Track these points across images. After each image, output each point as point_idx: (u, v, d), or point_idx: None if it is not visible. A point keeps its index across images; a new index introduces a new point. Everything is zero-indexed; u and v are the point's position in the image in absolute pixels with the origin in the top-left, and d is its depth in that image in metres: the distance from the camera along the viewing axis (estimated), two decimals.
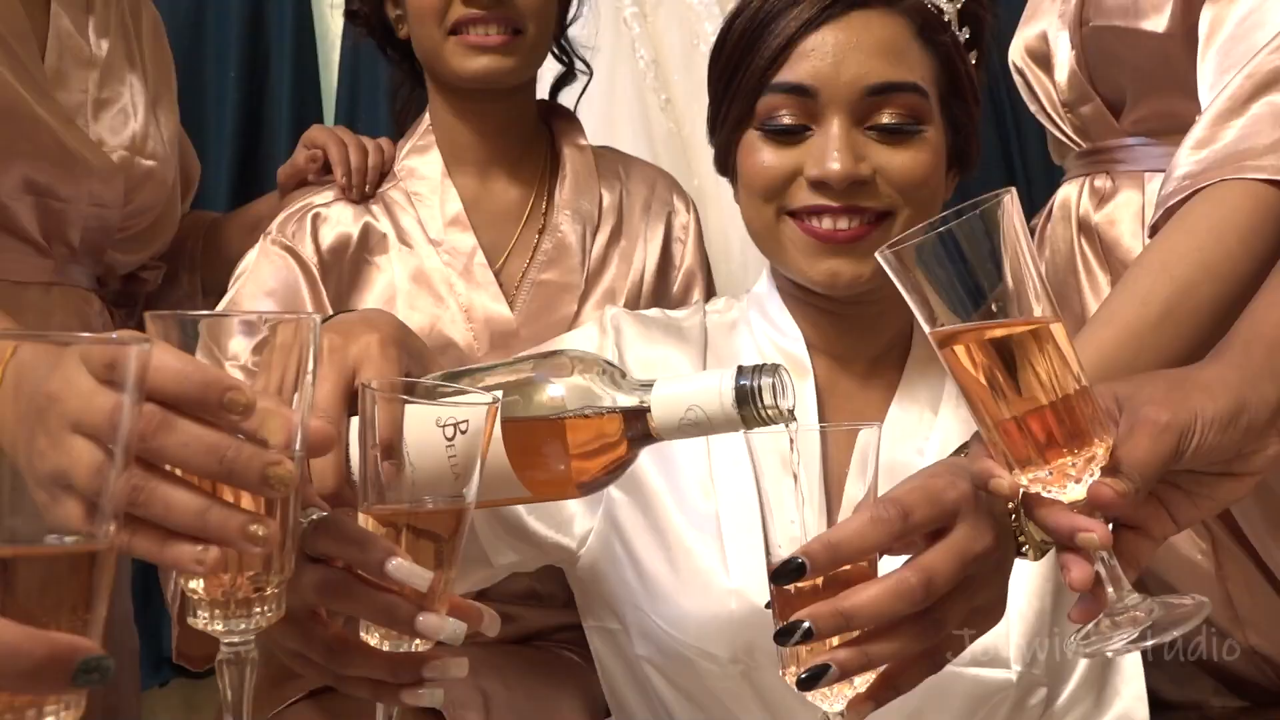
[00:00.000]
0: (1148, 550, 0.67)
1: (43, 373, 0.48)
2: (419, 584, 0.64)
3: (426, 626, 0.65)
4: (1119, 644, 0.63)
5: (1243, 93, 0.88)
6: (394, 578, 0.64)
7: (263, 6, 2.28)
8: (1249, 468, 0.67)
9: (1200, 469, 0.66)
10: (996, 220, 0.61)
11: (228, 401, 0.56)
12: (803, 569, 0.65)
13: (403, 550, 0.65)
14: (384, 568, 0.64)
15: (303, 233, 1.21)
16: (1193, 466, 0.65)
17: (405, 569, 0.64)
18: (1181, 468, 0.65)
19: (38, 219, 1.14)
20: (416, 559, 0.65)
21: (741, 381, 0.69)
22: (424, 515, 0.67)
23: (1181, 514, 0.67)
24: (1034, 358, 0.62)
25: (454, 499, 0.67)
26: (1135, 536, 0.67)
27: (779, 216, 0.99)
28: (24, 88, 1.08)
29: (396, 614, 0.65)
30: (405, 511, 0.67)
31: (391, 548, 0.64)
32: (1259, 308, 0.72)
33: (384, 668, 0.68)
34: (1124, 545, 0.66)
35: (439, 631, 0.65)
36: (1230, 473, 0.67)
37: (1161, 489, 0.67)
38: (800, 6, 0.98)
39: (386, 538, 0.66)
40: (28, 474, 0.46)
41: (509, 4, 1.18)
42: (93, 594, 0.46)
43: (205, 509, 0.56)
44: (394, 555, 0.64)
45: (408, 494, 0.67)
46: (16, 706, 0.42)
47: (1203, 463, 0.65)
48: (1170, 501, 0.67)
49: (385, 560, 0.64)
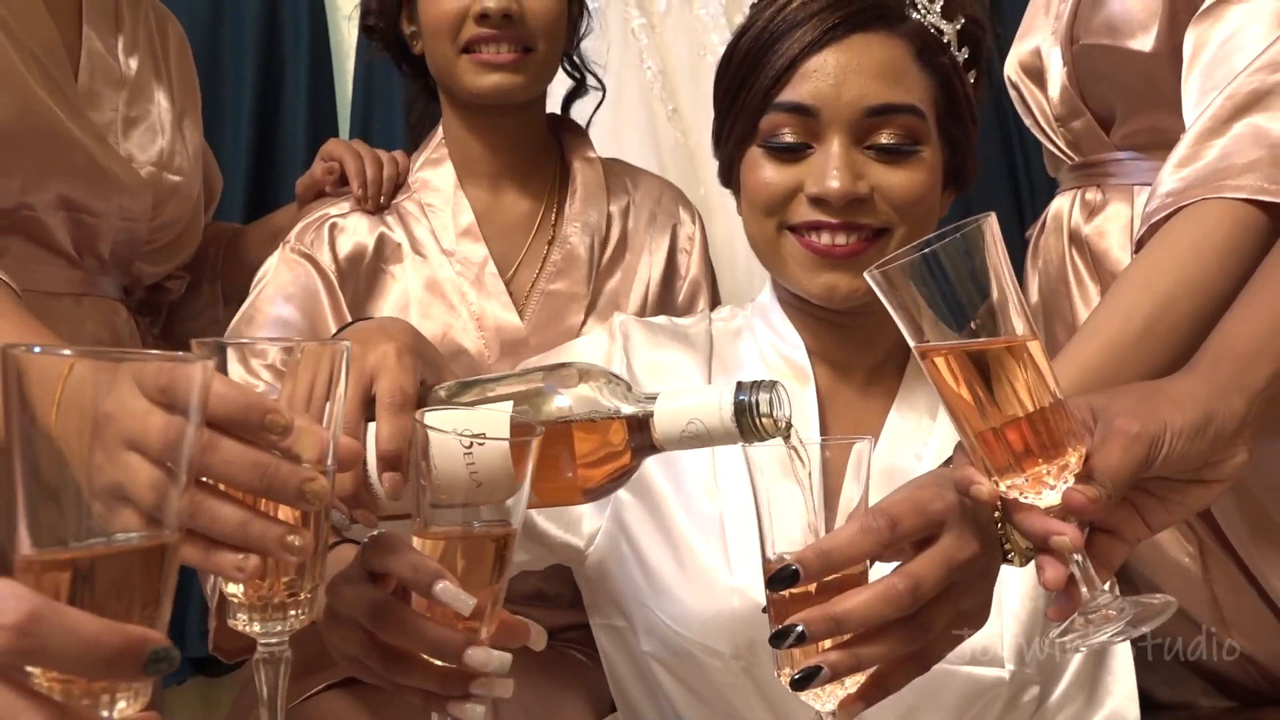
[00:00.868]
0: (1121, 552, 0.70)
1: (98, 391, 0.52)
2: (462, 609, 0.67)
3: (474, 660, 0.69)
4: (1092, 640, 0.66)
5: (1224, 113, 0.90)
6: (440, 600, 0.67)
7: (278, 19, 2.29)
8: (1217, 475, 0.70)
9: (1171, 476, 0.69)
10: (977, 242, 0.64)
11: (268, 423, 0.60)
12: (796, 576, 0.68)
13: (450, 575, 0.68)
14: (431, 590, 0.67)
15: (321, 242, 1.24)
16: (1163, 474, 0.68)
17: (451, 593, 0.67)
18: (1153, 475, 0.68)
19: (70, 233, 1.17)
20: (466, 579, 0.68)
21: (740, 396, 0.72)
22: (473, 538, 0.70)
23: (1154, 518, 0.70)
24: (1011, 373, 0.65)
25: (500, 523, 0.70)
26: (1109, 539, 0.70)
27: (780, 231, 1.02)
28: (59, 108, 1.11)
29: (446, 650, 0.69)
30: (457, 534, 0.70)
31: (441, 571, 0.68)
32: (1229, 324, 0.75)
33: (435, 680, 0.71)
34: (1098, 548, 0.69)
35: (486, 665, 0.69)
36: (1200, 480, 0.70)
37: (1134, 495, 0.70)
38: (804, 28, 1.00)
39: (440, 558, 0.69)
40: (84, 485, 0.50)
41: (520, 23, 1.21)
42: (161, 589, 0.50)
43: (247, 521, 0.61)
44: (442, 579, 0.67)
45: (460, 517, 0.70)
46: (93, 692, 0.47)
47: (1173, 470, 0.68)
48: (1143, 507, 0.70)
49: (433, 583, 0.67)
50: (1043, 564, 0.66)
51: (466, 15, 1.20)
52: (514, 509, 0.70)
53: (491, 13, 1.19)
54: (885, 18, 1.01)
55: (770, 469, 0.74)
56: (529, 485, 0.70)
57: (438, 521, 0.70)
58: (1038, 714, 1.01)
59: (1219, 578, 1.06)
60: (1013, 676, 0.96)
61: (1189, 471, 0.69)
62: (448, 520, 0.70)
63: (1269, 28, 0.91)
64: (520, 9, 1.21)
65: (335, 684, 0.99)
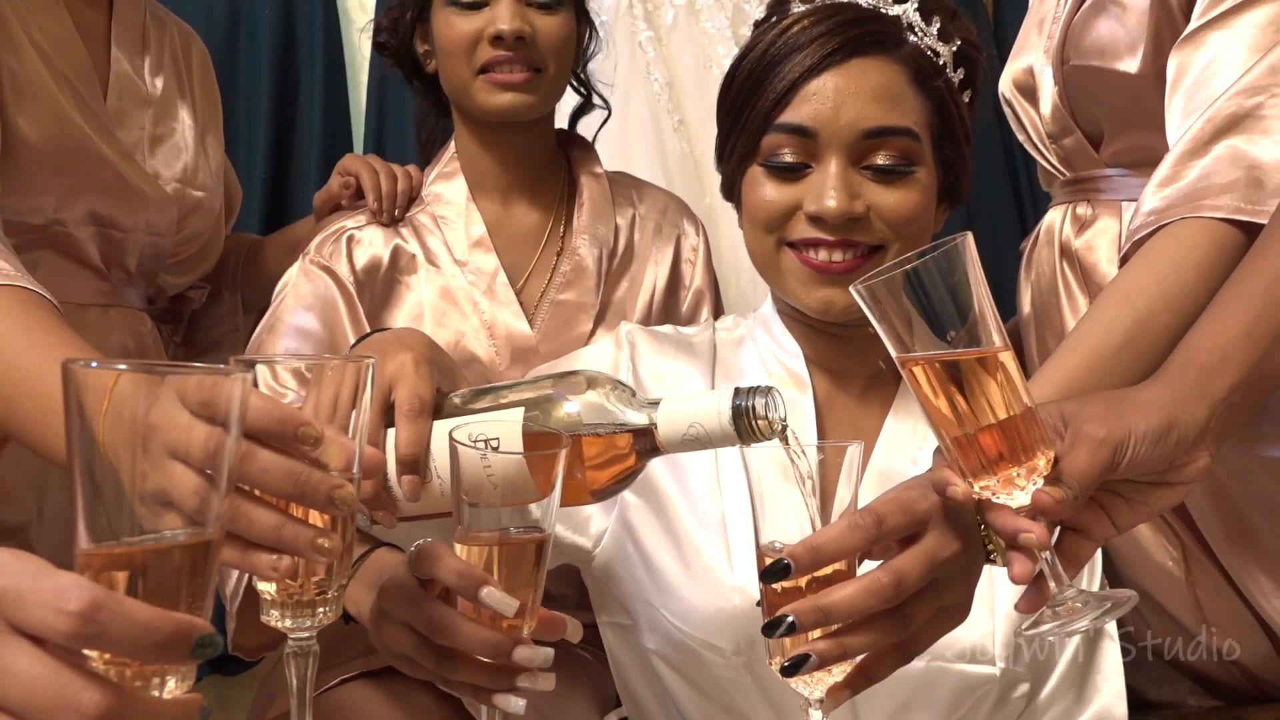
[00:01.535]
0: (1089, 550, 0.74)
1: (143, 403, 0.56)
2: (507, 611, 0.72)
3: (522, 657, 0.74)
4: (1058, 631, 0.70)
5: (1204, 135, 0.94)
6: (486, 604, 0.72)
7: (293, 31, 2.34)
8: (1181, 478, 0.74)
9: (1136, 478, 0.73)
10: (954, 261, 0.68)
11: (301, 434, 0.65)
12: (788, 569, 0.72)
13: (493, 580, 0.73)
14: (478, 595, 0.72)
15: (339, 253, 1.27)
16: (1129, 476, 0.72)
17: (496, 597, 0.72)
18: (1118, 477, 0.71)
19: (99, 247, 1.21)
20: (507, 583, 0.73)
21: (737, 401, 0.76)
22: (512, 544, 0.75)
23: (1121, 518, 0.74)
24: (984, 382, 0.69)
25: (535, 529, 0.75)
26: (1078, 538, 0.74)
27: (779, 247, 1.05)
28: (90, 128, 1.15)
29: (498, 651, 0.74)
30: (496, 540, 0.75)
31: (485, 577, 0.73)
32: (1195, 335, 0.78)
33: (483, 675, 0.76)
34: (1067, 545, 0.73)
35: (533, 660, 0.75)
36: (1165, 482, 0.74)
37: (1102, 496, 0.73)
38: (804, 52, 1.03)
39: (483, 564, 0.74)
40: (130, 490, 0.55)
41: (532, 45, 1.25)
42: (204, 582, 0.54)
43: (281, 524, 0.66)
44: (486, 584, 0.72)
45: (492, 522, 0.75)
46: (145, 674, 0.51)
47: (1138, 473, 0.72)
48: (1111, 507, 0.74)
49: (479, 589, 0.72)
50: (1012, 559, 0.70)
51: (481, 38, 1.24)
52: (546, 515, 0.75)
53: (506, 35, 1.23)
54: (882, 43, 1.04)
55: (766, 470, 0.78)
56: (559, 491, 0.75)
57: (475, 527, 0.75)
58: (1028, 710, 1.03)
59: (1201, 581, 1.08)
60: (1003, 674, 0.99)
61: (1154, 474, 0.73)
62: (487, 525, 0.75)
63: (1247, 54, 0.95)
64: (533, 32, 1.25)
65: (352, 676, 1.04)
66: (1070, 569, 0.72)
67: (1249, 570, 1.03)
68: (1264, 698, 1.12)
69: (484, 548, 0.74)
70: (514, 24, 1.23)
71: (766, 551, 0.76)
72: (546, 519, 0.75)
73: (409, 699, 1.02)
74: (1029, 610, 0.72)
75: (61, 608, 0.47)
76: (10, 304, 0.83)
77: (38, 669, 0.47)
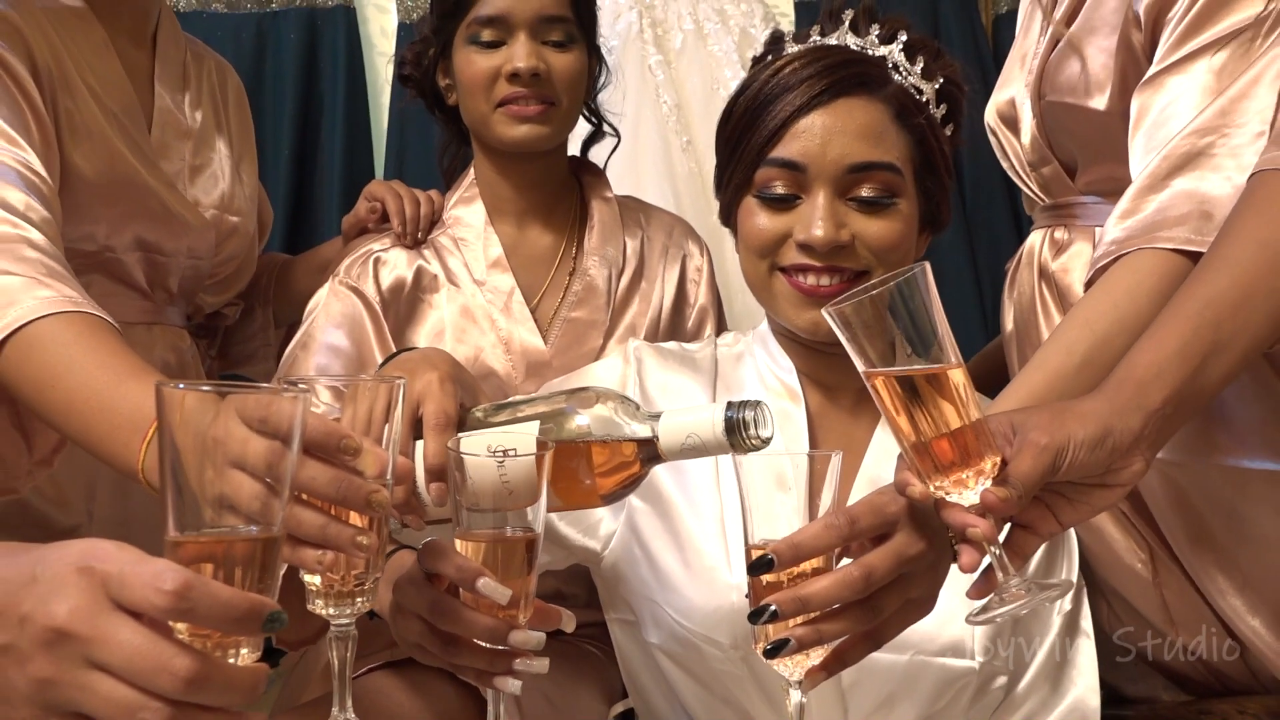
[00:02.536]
0: (1034, 544, 0.82)
1: (206, 418, 0.65)
2: (500, 599, 0.81)
3: (517, 640, 0.82)
4: (1004, 613, 0.78)
5: (1161, 171, 1.01)
6: (482, 593, 0.80)
7: (317, 54, 2.40)
8: (1118, 480, 0.81)
9: (1078, 480, 0.80)
10: (913, 288, 0.77)
11: (343, 446, 0.74)
12: (772, 563, 0.80)
13: (490, 571, 0.81)
14: (475, 585, 0.81)
15: (366, 275, 1.34)
16: (1070, 478, 0.80)
17: (490, 587, 0.80)
18: (1060, 480, 0.79)
19: (144, 270, 1.29)
20: (502, 576, 0.81)
21: (729, 414, 0.83)
22: (506, 541, 0.83)
23: (1065, 516, 0.82)
24: (937, 396, 0.77)
25: (526, 529, 0.83)
26: (1025, 534, 0.82)
27: (771, 271, 1.13)
28: (137, 161, 1.23)
29: (495, 635, 0.82)
30: (491, 537, 0.83)
31: (481, 570, 0.81)
32: (1134, 353, 0.85)
33: (484, 659, 0.84)
34: (1015, 540, 0.81)
35: (527, 644, 0.83)
36: (1103, 484, 0.81)
37: (1047, 496, 0.81)
38: (795, 92, 1.11)
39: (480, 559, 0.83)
40: (199, 493, 0.64)
41: (546, 81, 1.33)
42: (272, 569, 0.64)
43: (325, 524, 0.75)
44: (483, 575, 0.81)
45: (493, 523, 0.83)
46: (224, 644, 0.61)
47: (1078, 475, 0.79)
48: (1055, 506, 0.82)
49: (476, 580, 0.81)
50: (961, 551, 0.78)
51: (499, 74, 1.32)
52: (535, 517, 0.83)
53: (522, 73, 1.31)
54: (867, 84, 1.11)
55: (756, 475, 0.85)
56: (546, 495, 0.83)
57: (475, 526, 0.83)
58: (1006, 701, 1.10)
59: (1167, 582, 1.14)
60: (981, 668, 1.06)
61: (1093, 477, 0.80)
62: (483, 525, 0.83)
63: (1201, 97, 1.02)
64: (547, 68, 1.33)
65: (377, 666, 1.12)
66: (1017, 561, 0.80)
67: (1208, 571, 1.10)
68: (1225, 690, 1.19)
69: (482, 544, 0.83)
70: (530, 62, 1.31)
71: (754, 548, 0.84)
72: (536, 521, 0.83)
73: (428, 687, 1.10)
74: (978, 597, 0.80)
75: (159, 587, 0.57)
76: (80, 329, 0.92)
77: (138, 639, 0.57)
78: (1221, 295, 0.85)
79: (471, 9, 1.34)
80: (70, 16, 1.22)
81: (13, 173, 1.02)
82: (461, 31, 1.36)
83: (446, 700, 1.11)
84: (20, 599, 0.58)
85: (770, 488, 0.86)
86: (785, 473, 0.86)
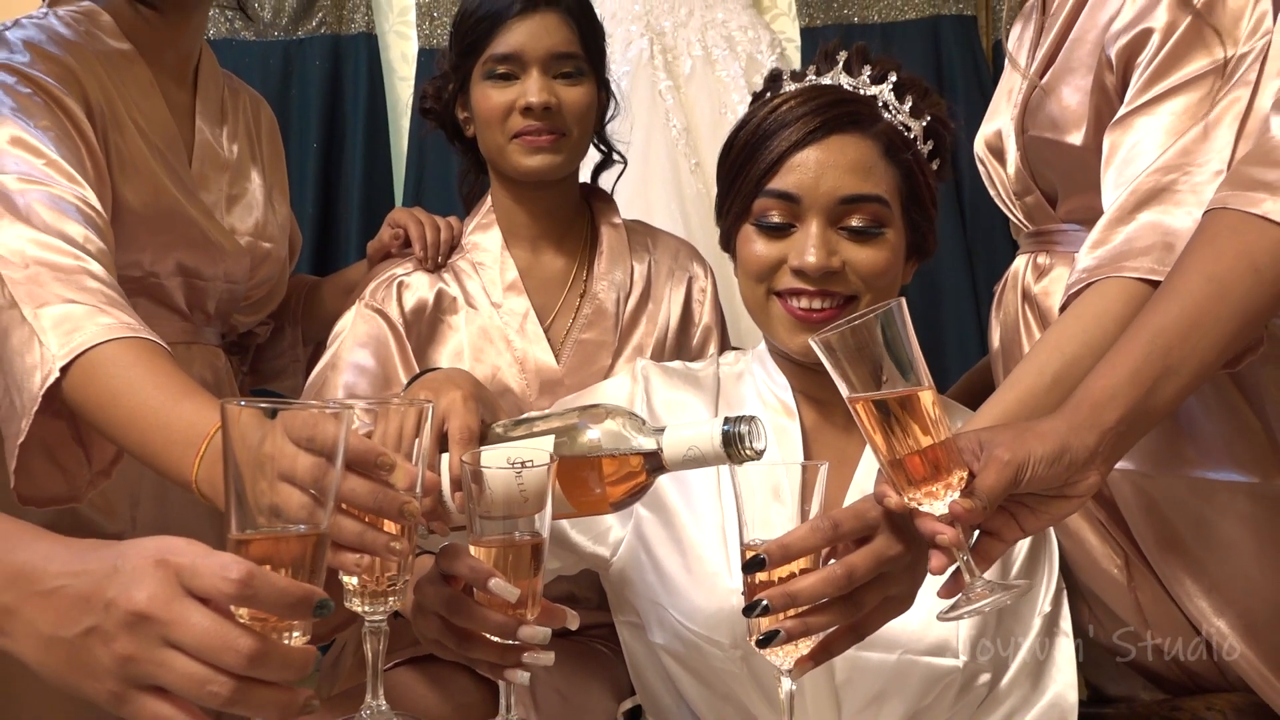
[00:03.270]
0: (999, 549, 0.89)
1: (257, 434, 0.73)
2: (509, 597, 0.88)
3: (524, 635, 0.90)
4: (970, 611, 0.85)
5: (1129, 205, 1.07)
6: (494, 592, 0.88)
7: (340, 80, 2.48)
8: (1075, 492, 0.88)
9: (1038, 492, 0.88)
10: (891, 320, 0.85)
11: (380, 462, 0.83)
12: (763, 563, 0.88)
13: (500, 572, 0.89)
14: (486, 585, 0.88)
15: (390, 298, 1.41)
16: (1031, 490, 0.87)
17: (500, 586, 0.88)
18: (1023, 491, 0.86)
19: (184, 294, 1.36)
20: (511, 576, 0.88)
21: (726, 428, 0.90)
22: (515, 545, 0.90)
23: (1027, 524, 0.89)
24: (909, 417, 0.85)
25: (534, 534, 0.90)
26: (990, 540, 0.89)
27: (768, 296, 1.19)
28: (179, 192, 1.31)
29: (505, 630, 0.90)
30: (501, 542, 0.90)
31: (492, 571, 0.88)
32: (1091, 376, 0.92)
33: (495, 653, 0.92)
34: (981, 546, 0.88)
35: (534, 638, 0.90)
36: (1062, 495, 0.88)
37: (1011, 505, 0.88)
38: (790, 129, 1.18)
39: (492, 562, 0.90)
40: (254, 502, 0.73)
41: (558, 114, 1.40)
42: (320, 563, 0.72)
43: (363, 531, 0.84)
44: (494, 576, 0.88)
45: (502, 528, 0.90)
46: (279, 628, 0.69)
47: (1038, 488, 0.86)
48: (1018, 515, 0.89)
49: (487, 580, 0.88)
50: (932, 555, 0.86)
51: (514, 108, 1.40)
52: (542, 523, 0.90)
53: (535, 107, 1.39)
54: (858, 121, 1.18)
55: (751, 484, 0.92)
56: (555, 503, 0.90)
57: (487, 532, 0.90)
58: (990, 698, 1.16)
59: (1141, 586, 1.20)
60: (965, 666, 1.12)
61: (1052, 489, 0.88)
62: (495, 531, 0.90)
63: (1165, 137, 1.09)
64: (558, 102, 1.40)
65: (401, 662, 1.20)
66: (982, 564, 0.87)
67: (1177, 576, 1.16)
68: (1197, 689, 1.24)
69: (494, 549, 0.90)
70: (542, 96, 1.39)
71: (748, 548, 0.91)
72: (543, 526, 0.90)
73: (446, 680, 1.18)
74: (947, 596, 0.87)
75: (226, 576, 0.65)
76: (138, 353, 1.01)
77: (207, 621, 0.65)
78: (1171, 324, 0.92)
79: (488, 47, 1.42)
80: (120, 59, 1.31)
81: (73, 208, 1.10)
82: (479, 68, 1.43)
83: (464, 693, 1.18)
84: (104, 587, 0.67)
85: (765, 496, 0.92)
86: (779, 482, 0.92)
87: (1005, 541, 0.89)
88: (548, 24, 1.41)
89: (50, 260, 1.05)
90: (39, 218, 1.08)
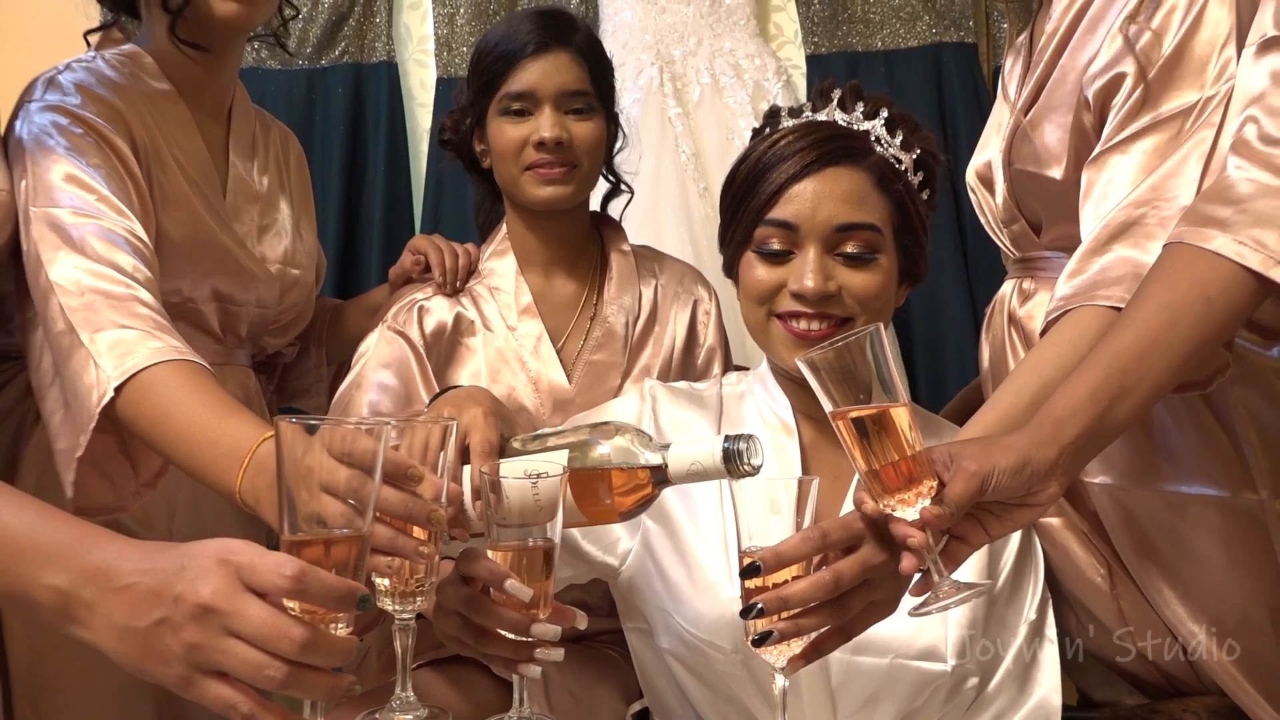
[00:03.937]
0: (966, 553, 0.95)
1: (300, 448, 0.81)
2: (523, 597, 0.94)
3: (537, 632, 0.95)
4: (938, 608, 0.92)
5: (1103, 237, 1.13)
6: (509, 592, 0.94)
7: (363, 108, 2.53)
8: (1037, 501, 0.95)
9: (1003, 500, 0.94)
10: (869, 344, 0.92)
11: (410, 474, 0.90)
12: (759, 569, 0.94)
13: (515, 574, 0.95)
14: (503, 585, 0.95)
15: (411, 321, 1.47)
16: (996, 499, 0.93)
17: (515, 587, 0.94)
18: (988, 500, 0.93)
19: (219, 318, 1.43)
20: (525, 578, 0.95)
21: (727, 445, 0.97)
22: (529, 550, 0.96)
23: (993, 530, 0.96)
24: (884, 432, 0.92)
25: (546, 540, 0.96)
26: (958, 544, 0.95)
27: (769, 318, 1.26)
28: (214, 223, 1.38)
29: (518, 627, 0.96)
30: (517, 547, 0.97)
31: (508, 573, 0.95)
32: (1055, 396, 0.98)
33: (510, 649, 0.98)
34: (950, 549, 0.95)
35: (545, 635, 0.96)
36: (1025, 504, 0.95)
37: (978, 512, 0.95)
38: (789, 162, 1.24)
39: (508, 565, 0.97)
40: (298, 509, 0.80)
41: (569, 148, 1.47)
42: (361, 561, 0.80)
43: (394, 537, 0.91)
44: (510, 578, 0.94)
45: (517, 535, 0.97)
46: (327, 619, 0.77)
47: (1003, 497, 0.93)
48: (985, 521, 0.95)
49: (504, 581, 0.95)
50: (904, 556, 0.92)
51: (527, 142, 1.47)
52: (554, 531, 0.97)
53: (547, 141, 1.46)
54: (852, 154, 1.25)
55: (748, 497, 0.99)
56: (567, 512, 0.97)
57: (504, 539, 0.97)
58: (978, 700, 1.21)
59: (1123, 593, 1.26)
60: (954, 670, 1.17)
61: (1015, 498, 0.94)
62: (510, 537, 0.97)
63: (1137, 174, 1.15)
64: (569, 136, 1.47)
65: (425, 663, 1.27)
66: (950, 565, 0.94)
67: (1155, 584, 1.21)
68: (1177, 692, 1.30)
69: (508, 553, 0.96)
70: (554, 131, 1.46)
71: (745, 554, 0.98)
72: (555, 534, 0.96)
73: (465, 680, 1.25)
74: (918, 594, 0.94)
75: (282, 573, 0.74)
76: (185, 374, 1.09)
77: (264, 613, 0.74)
78: (1128, 349, 0.98)
79: (503, 85, 1.48)
80: (161, 99, 1.39)
81: (122, 239, 1.19)
82: (494, 104, 1.50)
83: (482, 691, 1.25)
84: (172, 583, 0.76)
85: (763, 508, 0.99)
86: (776, 495, 0.99)
87: (972, 545, 0.95)
88: (559, 63, 1.48)
89: (103, 289, 1.13)
90: (92, 249, 1.16)
